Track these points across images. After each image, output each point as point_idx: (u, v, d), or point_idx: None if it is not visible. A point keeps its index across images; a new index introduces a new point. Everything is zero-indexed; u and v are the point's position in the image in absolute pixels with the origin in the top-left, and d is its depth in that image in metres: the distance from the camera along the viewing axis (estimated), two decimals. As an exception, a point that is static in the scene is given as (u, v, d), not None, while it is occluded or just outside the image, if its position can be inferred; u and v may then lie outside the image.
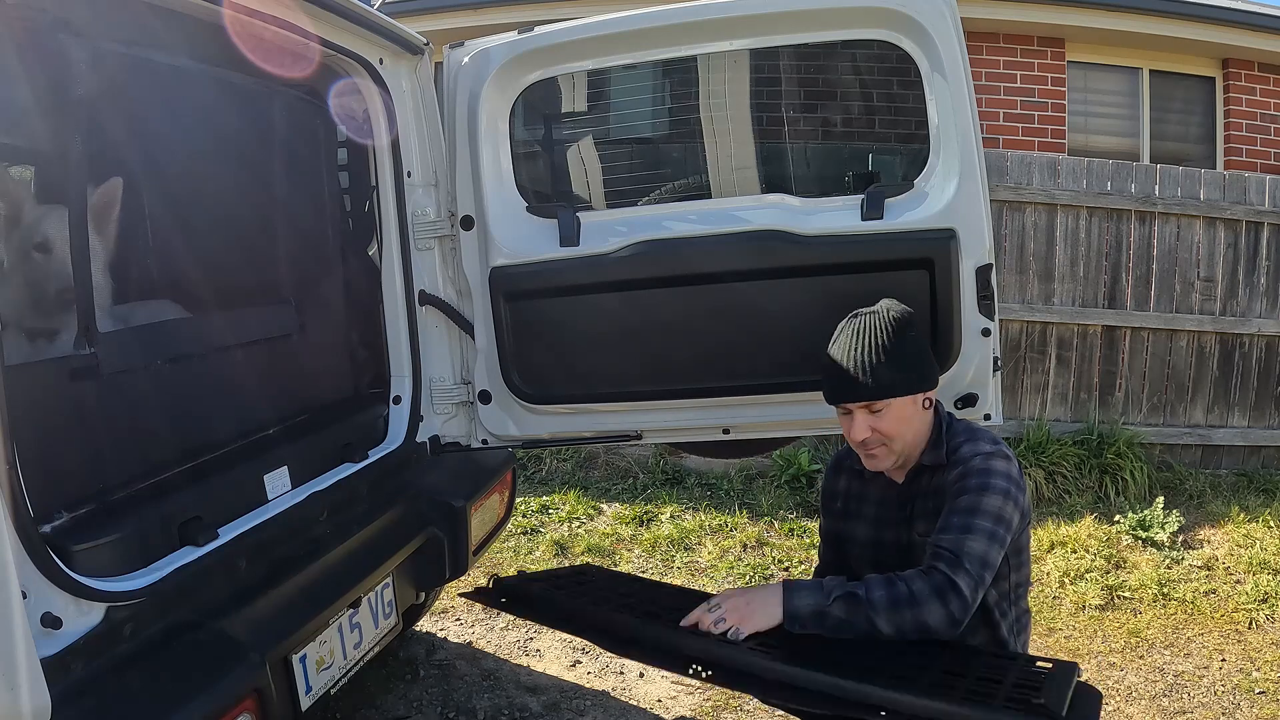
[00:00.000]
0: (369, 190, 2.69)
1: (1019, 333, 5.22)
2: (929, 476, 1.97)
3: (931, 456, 1.96)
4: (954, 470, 1.90)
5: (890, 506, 2.03)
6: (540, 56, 2.51)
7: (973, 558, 1.75)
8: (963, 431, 1.97)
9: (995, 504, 1.81)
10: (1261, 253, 5.22)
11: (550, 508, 4.75)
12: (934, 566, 1.76)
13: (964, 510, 1.81)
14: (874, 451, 1.93)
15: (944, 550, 1.77)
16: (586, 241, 2.49)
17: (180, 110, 2.16)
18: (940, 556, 1.77)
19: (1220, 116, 7.35)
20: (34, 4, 1.69)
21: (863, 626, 1.73)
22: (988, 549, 1.77)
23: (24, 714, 1.32)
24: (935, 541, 1.81)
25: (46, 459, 1.61)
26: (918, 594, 1.72)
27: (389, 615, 2.40)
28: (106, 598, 1.61)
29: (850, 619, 1.74)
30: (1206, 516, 4.68)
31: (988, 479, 1.83)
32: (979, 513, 1.80)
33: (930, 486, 1.97)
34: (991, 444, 1.92)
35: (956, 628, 1.73)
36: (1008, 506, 1.82)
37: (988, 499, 1.81)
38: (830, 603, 1.76)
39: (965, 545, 1.76)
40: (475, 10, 6.93)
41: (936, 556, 1.77)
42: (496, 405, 2.68)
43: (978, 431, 1.98)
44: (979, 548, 1.76)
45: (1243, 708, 3.07)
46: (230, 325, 2.34)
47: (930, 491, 1.96)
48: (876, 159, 4.33)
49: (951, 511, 1.83)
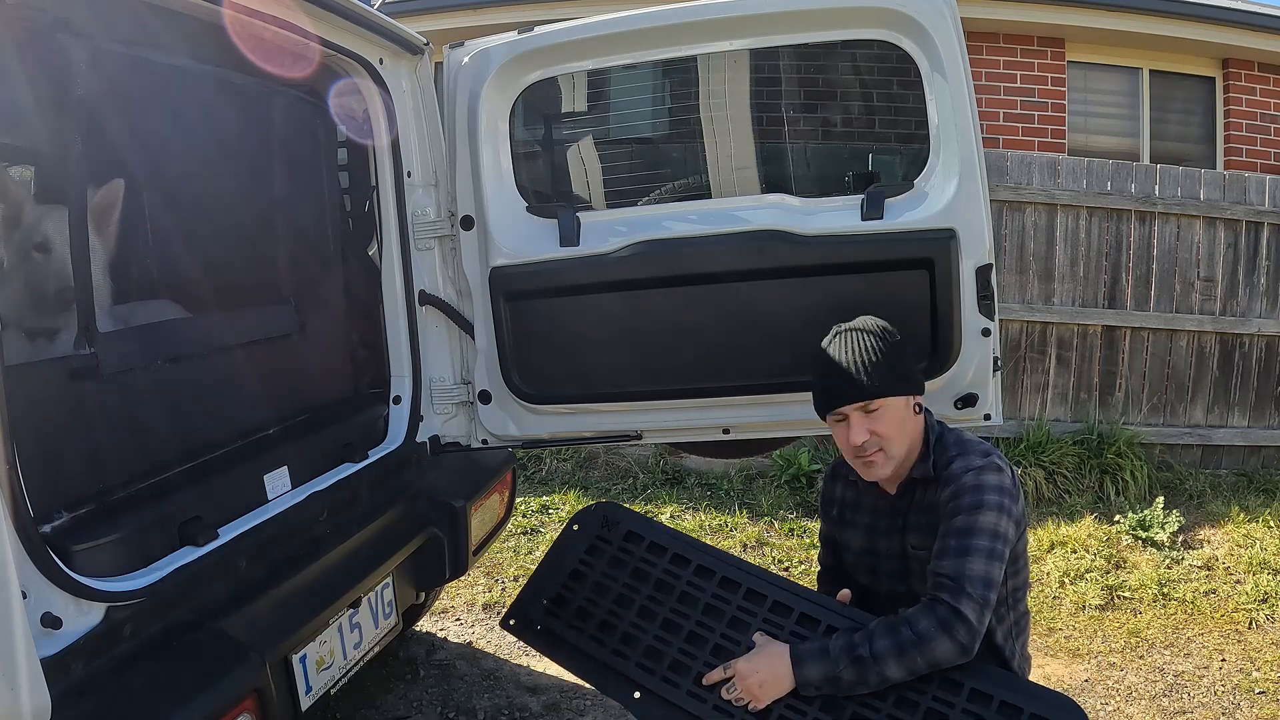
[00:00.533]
0: (369, 190, 2.69)
1: (1019, 333, 5.22)
2: (921, 490, 1.97)
3: (921, 470, 1.96)
4: (946, 488, 1.89)
5: (883, 516, 2.04)
6: (540, 56, 2.51)
7: (975, 580, 1.76)
8: (954, 444, 1.96)
9: (990, 521, 1.81)
10: (1261, 253, 5.22)
11: (550, 508, 4.75)
12: (937, 598, 1.76)
13: (960, 532, 1.81)
14: (872, 457, 1.92)
15: (945, 579, 1.77)
16: (586, 241, 2.49)
17: (180, 110, 2.16)
18: (942, 586, 1.77)
19: (1220, 116, 7.36)
20: (34, 4, 1.69)
21: (875, 681, 1.76)
22: (988, 568, 1.78)
23: (24, 714, 1.32)
24: (935, 570, 1.81)
25: (46, 459, 1.61)
26: (923, 633, 1.73)
27: (389, 615, 2.40)
28: (106, 598, 1.61)
29: (861, 678, 1.76)
30: (1206, 516, 4.68)
31: (980, 496, 1.83)
32: (975, 532, 1.80)
33: (923, 501, 1.96)
34: (983, 456, 1.90)
35: (969, 655, 1.75)
36: (1003, 521, 1.82)
37: (982, 517, 1.81)
38: (839, 669, 1.77)
39: (966, 569, 1.77)
40: (475, 10, 6.93)
41: (939, 586, 1.78)
42: (496, 405, 2.68)
43: (968, 443, 1.96)
44: (979, 569, 1.77)
45: (1243, 708, 3.07)
46: (230, 325, 2.34)
47: (923, 507, 1.96)
48: (876, 159, 4.33)
49: (947, 534, 1.83)
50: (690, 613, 2.04)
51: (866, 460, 1.93)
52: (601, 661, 2.03)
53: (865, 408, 1.90)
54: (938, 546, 1.84)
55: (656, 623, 2.05)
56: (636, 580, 2.14)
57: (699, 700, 1.89)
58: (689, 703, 1.89)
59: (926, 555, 1.95)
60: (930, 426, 1.99)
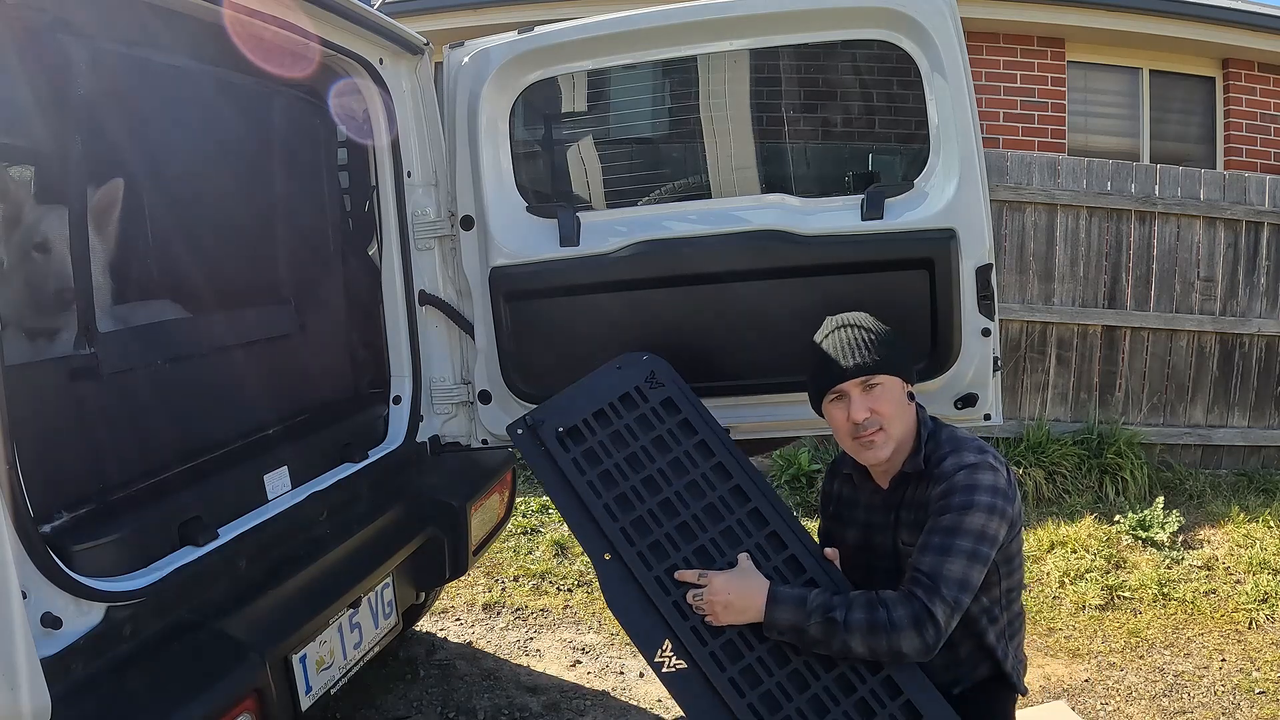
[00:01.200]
0: (369, 190, 2.69)
1: (1019, 333, 5.22)
2: (912, 486, 1.96)
3: (912, 464, 1.95)
4: (938, 485, 1.88)
5: (876, 512, 2.04)
6: (540, 56, 2.51)
7: (950, 581, 1.76)
8: (947, 440, 1.95)
9: (978, 522, 1.80)
10: (1261, 253, 5.22)
11: (550, 508, 4.75)
12: (912, 593, 1.76)
13: (945, 530, 1.81)
14: (873, 436, 1.91)
15: (921, 575, 1.78)
16: (586, 241, 2.50)
17: (180, 110, 2.16)
18: (918, 582, 1.77)
19: (1220, 116, 7.36)
20: (34, 4, 1.69)
21: (837, 648, 1.77)
22: (967, 570, 1.77)
23: (24, 714, 1.32)
24: (915, 563, 1.81)
25: (46, 459, 1.61)
26: (896, 621, 1.73)
27: (389, 615, 2.40)
28: (106, 598, 1.61)
29: (826, 639, 1.77)
30: (1206, 516, 4.68)
31: (971, 496, 1.82)
32: (959, 532, 1.79)
33: (914, 498, 1.96)
34: (977, 453, 1.89)
35: (929, 655, 1.76)
36: (992, 522, 1.81)
37: (970, 518, 1.80)
38: (809, 622, 1.78)
39: (943, 569, 1.76)
40: (475, 10, 6.93)
41: (914, 581, 1.78)
42: (496, 405, 2.68)
43: (963, 440, 1.95)
44: (957, 570, 1.77)
45: (1243, 708, 3.07)
46: (230, 325, 2.34)
47: (914, 503, 1.95)
48: (876, 159, 4.32)
49: (932, 530, 1.83)
50: (692, 504, 2.02)
51: (867, 440, 1.92)
52: (589, 511, 2.01)
53: (866, 383, 1.90)
54: (921, 540, 1.84)
55: (656, 499, 2.02)
56: (655, 449, 2.10)
57: (663, 591, 1.89)
58: (653, 587, 1.89)
59: None
60: (923, 421, 1.99)
